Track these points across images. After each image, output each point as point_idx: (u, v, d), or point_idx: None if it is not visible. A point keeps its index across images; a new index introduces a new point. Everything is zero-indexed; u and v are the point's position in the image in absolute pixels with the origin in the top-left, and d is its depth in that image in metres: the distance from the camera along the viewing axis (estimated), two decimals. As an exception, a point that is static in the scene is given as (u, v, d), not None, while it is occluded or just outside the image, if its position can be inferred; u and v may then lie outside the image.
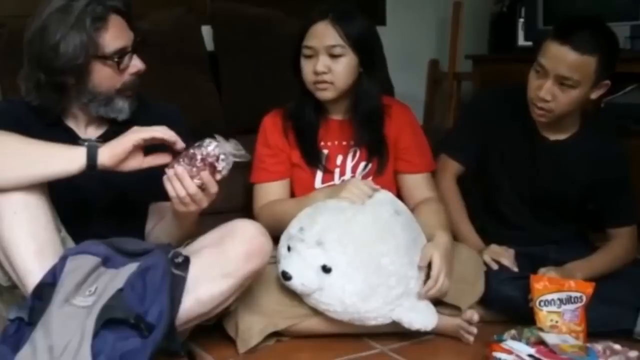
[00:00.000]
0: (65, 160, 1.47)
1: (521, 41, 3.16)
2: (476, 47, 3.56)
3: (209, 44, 2.78)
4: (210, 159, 1.50)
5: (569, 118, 1.95)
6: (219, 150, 1.50)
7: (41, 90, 1.62)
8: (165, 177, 1.52)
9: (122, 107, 1.66)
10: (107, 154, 1.48)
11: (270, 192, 1.98)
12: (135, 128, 1.52)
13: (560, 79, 1.82)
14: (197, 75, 2.65)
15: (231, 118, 2.68)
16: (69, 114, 1.70)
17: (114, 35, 1.61)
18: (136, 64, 1.66)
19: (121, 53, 1.62)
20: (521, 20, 3.16)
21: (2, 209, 1.45)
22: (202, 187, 1.51)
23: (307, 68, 1.90)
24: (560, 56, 1.80)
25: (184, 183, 1.50)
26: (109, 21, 1.60)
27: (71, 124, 1.70)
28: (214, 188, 1.52)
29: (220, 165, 1.51)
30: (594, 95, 1.89)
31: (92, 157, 1.46)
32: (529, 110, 1.97)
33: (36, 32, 1.59)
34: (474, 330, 1.79)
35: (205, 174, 1.50)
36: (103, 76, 1.62)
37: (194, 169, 1.50)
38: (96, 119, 1.71)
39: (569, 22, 1.88)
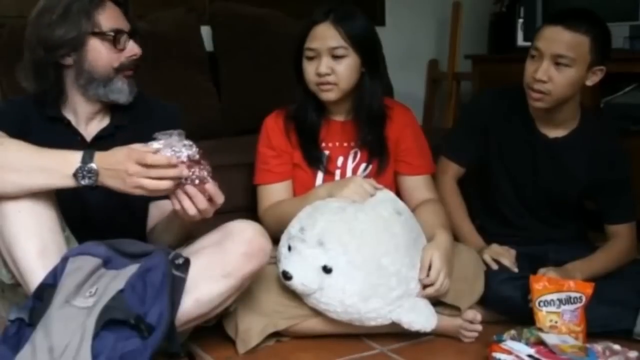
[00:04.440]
0: (65, 177, 1.43)
1: (520, 41, 3.16)
2: (475, 47, 3.57)
3: (209, 44, 2.78)
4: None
5: (566, 110, 1.95)
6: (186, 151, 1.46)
7: (40, 71, 1.64)
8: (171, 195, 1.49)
9: (122, 88, 1.68)
10: (109, 183, 1.44)
11: (275, 193, 1.97)
12: (138, 157, 1.43)
13: (555, 58, 1.85)
14: (197, 75, 2.65)
15: (230, 118, 2.68)
16: (69, 108, 1.70)
17: (110, 17, 1.66)
18: (133, 48, 1.69)
19: (117, 32, 1.65)
20: (520, 20, 3.16)
21: (7, 207, 1.45)
22: (210, 199, 1.49)
23: (310, 70, 1.90)
24: (555, 36, 1.85)
25: (195, 200, 1.47)
26: (105, 5, 1.65)
27: (72, 119, 1.70)
28: (220, 199, 1.50)
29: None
30: (589, 82, 1.91)
31: (91, 185, 1.44)
32: (527, 107, 1.98)
33: (35, 14, 1.65)
34: (479, 327, 1.79)
35: (210, 186, 1.48)
36: (100, 55, 1.65)
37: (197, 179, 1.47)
38: (97, 112, 1.71)
39: (561, 10, 1.96)
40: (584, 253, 1.99)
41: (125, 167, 1.42)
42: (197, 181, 1.46)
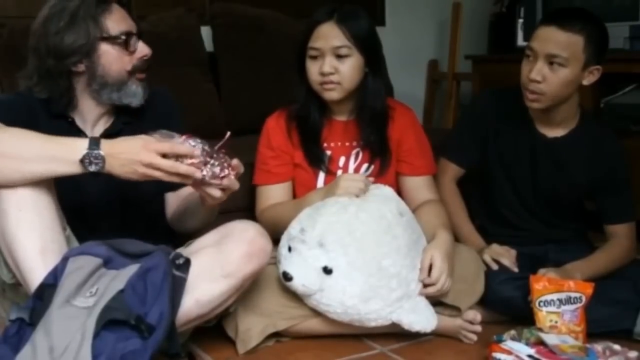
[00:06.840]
0: (72, 163, 1.43)
1: (520, 41, 3.16)
2: (475, 48, 3.57)
3: (209, 45, 2.79)
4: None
5: (564, 110, 1.95)
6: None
7: (51, 78, 1.64)
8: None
9: (136, 91, 1.68)
10: (117, 171, 1.45)
11: (273, 194, 1.98)
12: (149, 152, 1.44)
13: (549, 58, 1.85)
14: (197, 76, 2.65)
15: (230, 118, 2.68)
16: (76, 111, 1.70)
17: (118, 20, 1.65)
18: (143, 49, 1.69)
19: (127, 34, 1.65)
20: (520, 20, 3.17)
21: (8, 205, 1.44)
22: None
23: (313, 69, 1.90)
24: (548, 36, 1.85)
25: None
26: (112, 7, 1.65)
27: (77, 120, 1.70)
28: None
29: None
30: (585, 81, 1.90)
31: (98, 171, 1.44)
32: (526, 108, 1.98)
33: (40, 22, 1.63)
34: (478, 329, 1.79)
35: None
36: (112, 58, 1.65)
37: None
38: (104, 114, 1.71)
39: (557, 10, 1.97)
40: (584, 253, 1.99)
41: (140, 158, 1.42)
42: (217, 170, 1.50)
